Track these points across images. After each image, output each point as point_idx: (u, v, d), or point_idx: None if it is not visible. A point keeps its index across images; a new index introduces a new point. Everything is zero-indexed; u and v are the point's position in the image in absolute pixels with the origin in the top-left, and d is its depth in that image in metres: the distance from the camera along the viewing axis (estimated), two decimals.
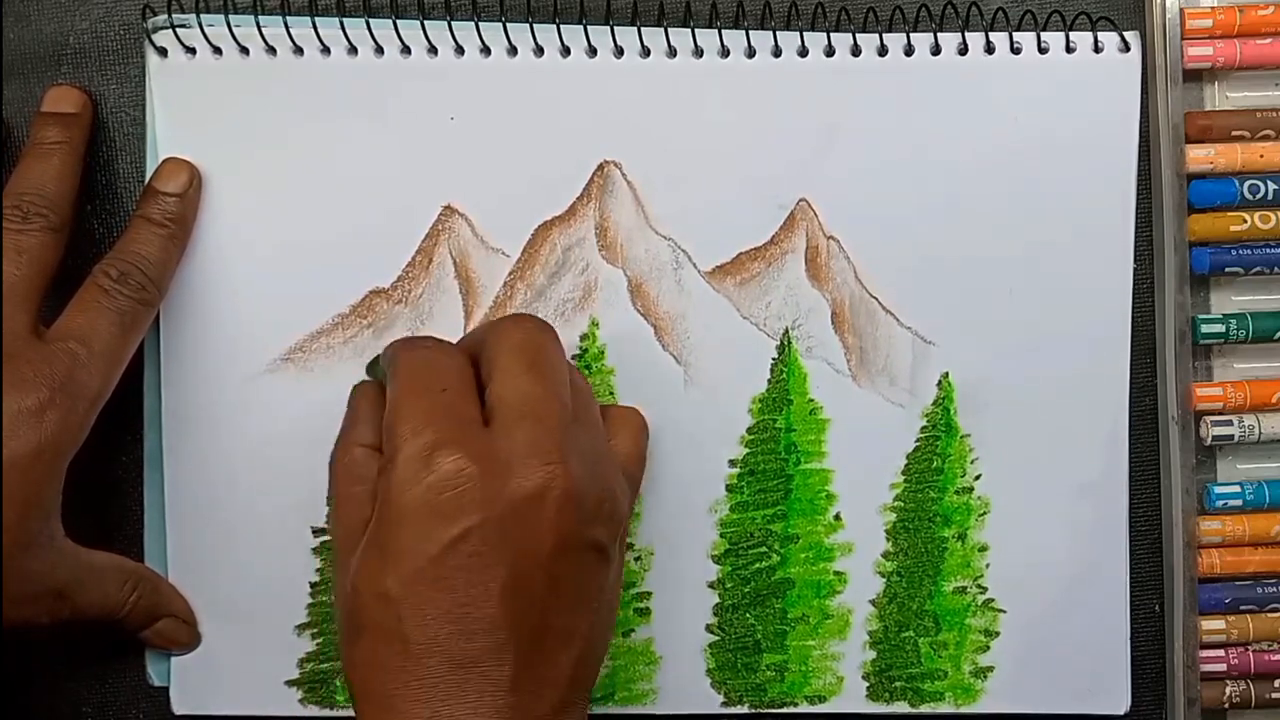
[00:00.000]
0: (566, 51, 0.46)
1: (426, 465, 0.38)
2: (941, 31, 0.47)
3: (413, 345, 0.42)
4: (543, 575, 0.38)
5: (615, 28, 0.46)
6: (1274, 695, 0.47)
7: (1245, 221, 0.47)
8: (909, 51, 0.47)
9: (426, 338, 0.43)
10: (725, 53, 0.47)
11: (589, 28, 0.46)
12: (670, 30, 0.46)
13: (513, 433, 0.39)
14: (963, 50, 0.47)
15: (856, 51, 0.47)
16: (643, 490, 0.47)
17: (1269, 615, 0.48)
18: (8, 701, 0.49)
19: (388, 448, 0.39)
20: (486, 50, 0.46)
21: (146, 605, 0.46)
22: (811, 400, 0.48)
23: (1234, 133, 0.47)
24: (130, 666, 0.48)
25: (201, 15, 0.46)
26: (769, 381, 0.47)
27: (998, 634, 0.48)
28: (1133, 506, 0.48)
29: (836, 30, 0.47)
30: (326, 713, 0.47)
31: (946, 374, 0.48)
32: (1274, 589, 0.48)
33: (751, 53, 0.47)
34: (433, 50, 0.46)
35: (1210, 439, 0.47)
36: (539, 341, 0.41)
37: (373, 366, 0.45)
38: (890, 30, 0.47)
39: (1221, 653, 0.48)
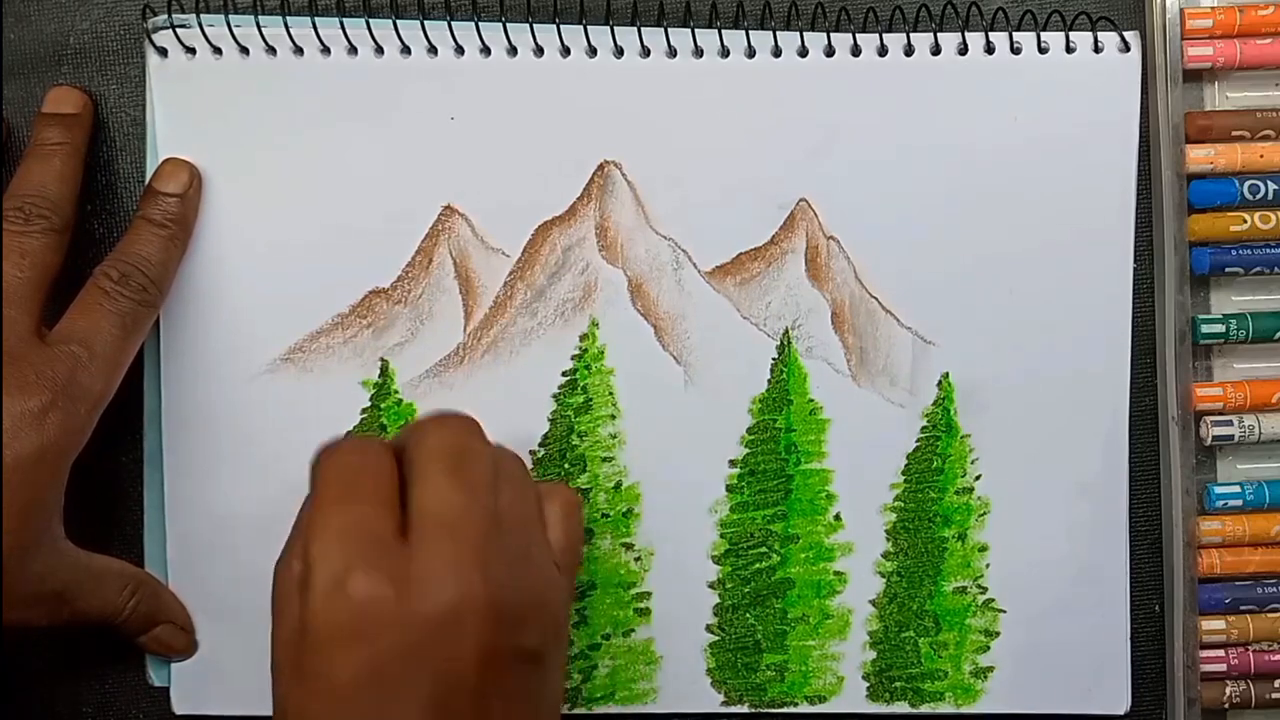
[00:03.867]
0: (566, 51, 0.46)
1: (339, 590, 0.36)
2: (941, 31, 0.47)
3: (332, 452, 0.40)
4: (468, 695, 0.37)
5: (615, 28, 0.46)
6: (1274, 695, 0.47)
7: (1245, 221, 0.47)
8: (909, 51, 0.47)
9: (350, 439, 0.41)
10: (725, 53, 0.47)
11: (589, 28, 0.46)
12: (670, 30, 0.46)
13: (430, 548, 0.37)
14: (963, 50, 0.47)
15: (856, 51, 0.47)
16: (643, 490, 0.47)
17: (1269, 615, 0.48)
18: (8, 701, 0.49)
19: (300, 568, 0.37)
20: (486, 50, 0.46)
21: (145, 611, 0.46)
22: (811, 400, 0.48)
23: (1234, 133, 0.47)
24: (130, 666, 0.48)
25: (201, 15, 0.46)
26: (769, 381, 0.47)
27: (998, 634, 0.48)
28: (1133, 506, 0.48)
29: (836, 30, 0.47)
30: None
31: (946, 374, 0.48)
32: (1274, 589, 0.48)
33: (751, 53, 0.47)
34: (433, 50, 0.46)
35: (1210, 439, 0.47)
36: (462, 444, 0.39)
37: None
38: (890, 30, 0.47)
39: (1221, 653, 0.48)
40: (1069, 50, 0.47)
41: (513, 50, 0.46)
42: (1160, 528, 0.48)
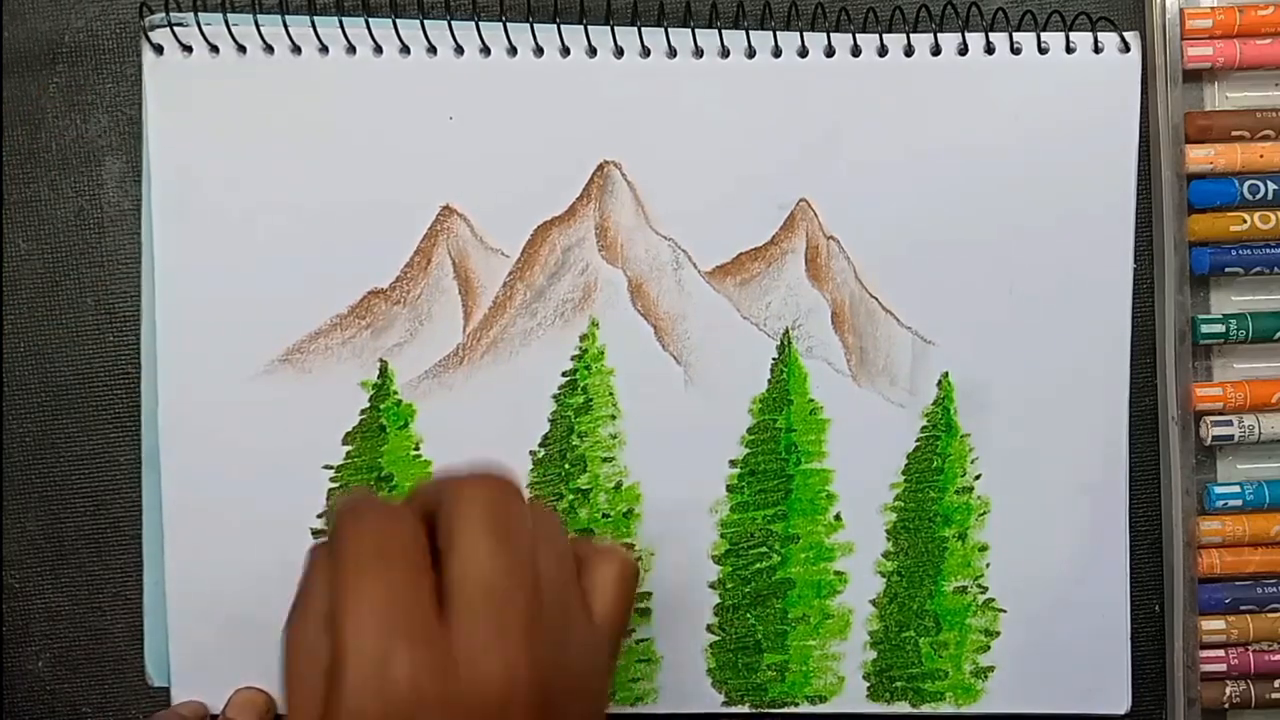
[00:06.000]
0: (566, 51, 0.46)
1: (378, 672, 0.34)
2: (941, 31, 0.47)
3: (357, 514, 0.36)
4: None
5: (615, 28, 0.46)
6: (1274, 695, 0.48)
7: (1245, 221, 0.47)
8: (909, 51, 0.47)
9: (371, 499, 0.37)
10: (725, 53, 0.46)
11: (589, 28, 0.46)
12: (670, 30, 0.46)
13: (473, 626, 0.34)
14: (963, 50, 0.47)
15: (856, 51, 0.47)
16: (643, 490, 0.47)
17: (1269, 615, 0.48)
18: (8, 701, 0.48)
19: (334, 642, 0.34)
20: (486, 50, 0.46)
21: None
22: (812, 400, 0.47)
23: (1234, 133, 0.47)
24: (130, 666, 0.48)
25: (199, 14, 0.46)
26: (769, 381, 0.47)
27: (998, 634, 0.48)
28: (1133, 506, 0.48)
29: (836, 30, 0.47)
30: None
31: (946, 374, 0.47)
32: (1274, 589, 0.48)
33: (751, 53, 0.46)
34: (432, 50, 0.46)
35: (1210, 439, 0.48)
36: (503, 508, 0.36)
37: (328, 516, 0.41)
38: (890, 30, 0.47)
39: (1221, 653, 0.48)
40: (1069, 50, 0.47)
41: (513, 50, 0.46)
42: (1160, 528, 0.49)
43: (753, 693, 0.48)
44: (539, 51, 0.46)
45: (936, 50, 0.47)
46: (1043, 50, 0.47)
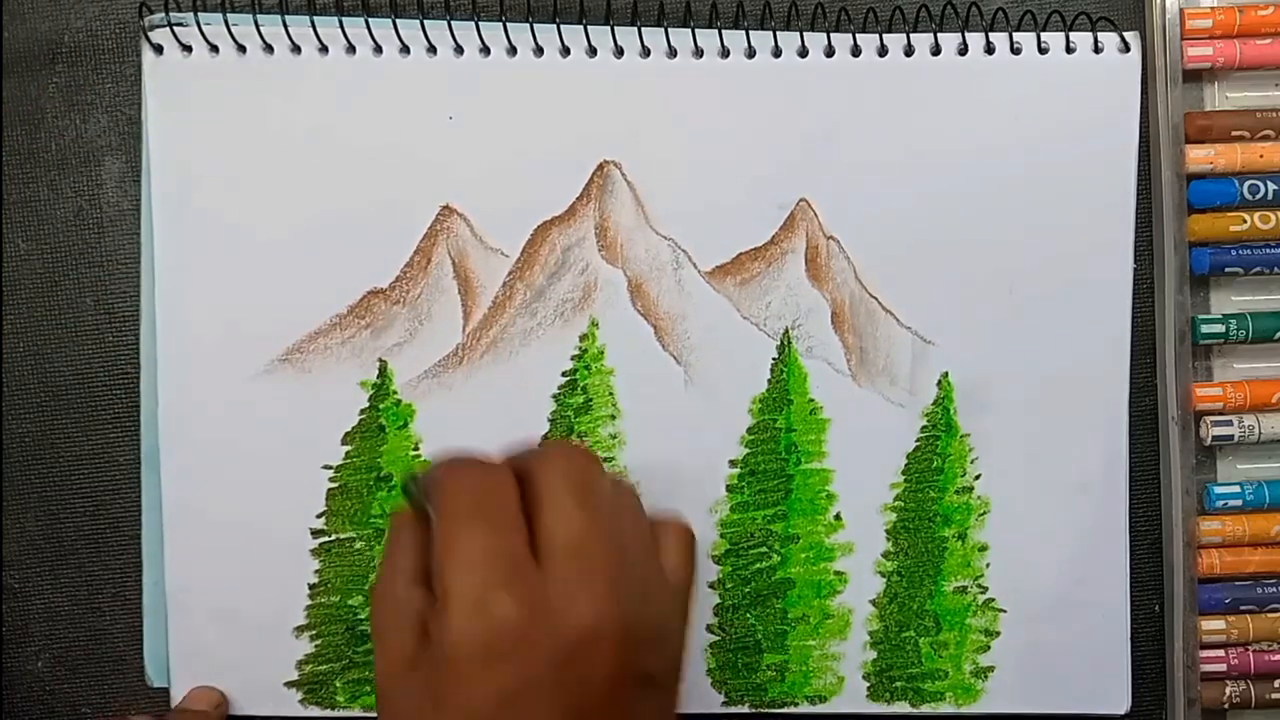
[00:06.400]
0: (566, 51, 0.46)
1: (481, 610, 0.36)
2: (941, 31, 0.47)
3: (458, 469, 0.39)
4: (598, 716, 0.37)
5: (615, 28, 0.46)
6: (1274, 695, 0.48)
7: (1245, 221, 0.47)
8: (909, 51, 0.47)
9: (470, 458, 0.40)
10: (725, 53, 0.46)
11: (589, 28, 0.46)
12: (670, 30, 0.46)
13: (565, 574, 0.37)
14: (963, 50, 0.47)
15: (856, 51, 0.47)
16: (643, 491, 0.47)
17: (1269, 615, 0.48)
18: (8, 702, 0.48)
19: (439, 586, 0.37)
20: (486, 50, 0.46)
21: None
22: (811, 400, 0.47)
23: (1234, 133, 0.47)
24: (130, 666, 0.48)
25: (199, 14, 0.46)
26: (769, 381, 0.47)
27: (998, 634, 0.48)
28: (1133, 506, 0.48)
29: (836, 30, 0.47)
30: (327, 713, 0.47)
31: (946, 374, 0.47)
32: (1274, 589, 0.48)
33: (751, 53, 0.46)
34: (432, 50, 0.46)
35: (1210, 439, 0.48)
36: (588, 474, 0.40)
37: (406, 487, 0.41)
38: (890, 30, 0.47)
39: (1221, 653, 0.48)
40: (1069, 50, 0.47)
41: (512, 50, 0.46)
42: (1160, 528, 0.49)
43: (753, 693, 0.48)
44: (539, 51, 0.46)
45: (936, 50, 0.47)
46: (1043, 50, 0.47)
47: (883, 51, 0.47)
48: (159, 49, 0.46)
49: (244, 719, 0.48)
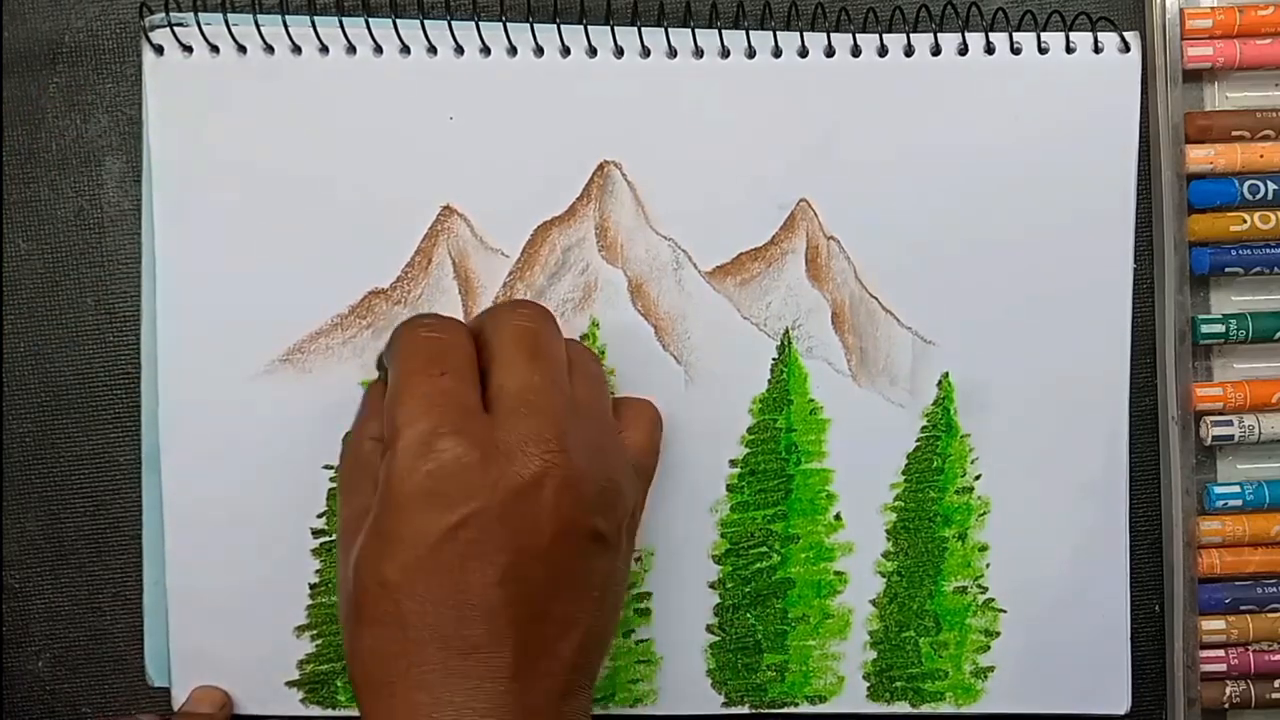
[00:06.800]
0: (566, 51, 0.46)
1: (426, 452, 0.38)
2: (941, 31, 0.47)
3: (414, 326, 0.41)
4: (541, 563, 0.38)
5: (615, 28, 0.46)
6: (1274, 695, 0.48)
7: (1245, 221, 0.47)
8: (909, 51, 0.47)
9: (430, 316, 0.42)
10: (725, 53, 0.46)
11: (589, 28, 0.46)
12: (670, 30, 0.46)
13: (513, 421, 0.39)
14: (963, 50, 0.47)
15: (856, 51, 0.47)
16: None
17: (1269, 615, 0.48)
18: (8, 702, 0.48)
19: (388, 433, 0.39)
20: (486, 50, 0.46)
21: None
22: (812, 400, 0.47)
23: (1234, 133, 0.47)
24: (130, 666, 0.48)
25: (199, 14, 0.46)
26: (769, 381, 0.47)
27: (998, 634, 0.48)
28: (1133, 506, 0.48)
29: (836, 30, 0.47)
30: (329, 713, 0.47)
31: (946, 374, 0.47)
32: (1274, 589, 0.48)
33: (751, 53, 0.46)
34: (432, 50, 0.46)
35: (1210, 439, 0.48)
36: (538, 329, 0.41)
37: (379, 360, 0.44)
38: (890, 30, 0.47)
39: (1221, 653, 0.48)
40: (1069, 50, 0.47)
41: (513, 50, 0.46)
42: (1160, 528, 0.49)
43: (753, 693, 0.48)
44: (539, 51, 0.46)
45: (936, 50, 0.47)
46: (1043, 50, 0.47)
47: (883, 51, 0.47)
48: (159, 49, 0.46)
49: (245, 718, 0.48)
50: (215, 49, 0.46)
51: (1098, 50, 0.47)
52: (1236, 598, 0.48)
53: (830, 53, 0.47)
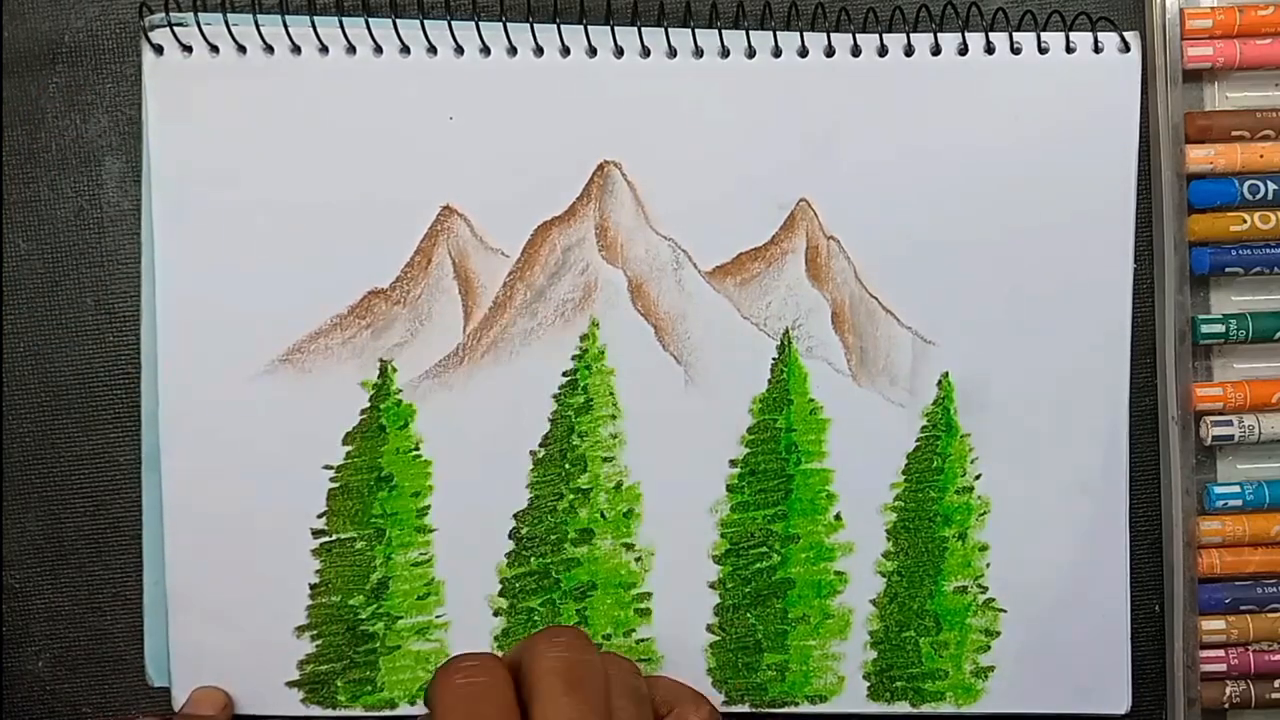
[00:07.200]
0: (566, 51, 0.46)
1: None
2: (941, 31, 0.47)
3: (450, 671, 0.41)
4: None
5: (615, 28, 0.46)
6: (1274, 695, 0.48)
7: (1245, 221, 0.47)
8: (909, 51, 0.47)
9: (467, 658, 0.42)
10: (725, 53, 0.46)
11: (589, 28, 0.46)
12: (670, 30, 0.46)
13: None
14: (963, 50, 0.47)
15: (856, 51, 0.47)
16: (644, 490, 0.47)
17: (1269, 615, 0.48)
18: (8, 701, 0.48)
19: None
20: (486, 50, 0.46)
21: None
22: (812, 400, 0.47)
23: (1234, 133, 0.47)
24: (130, 666, 0.48)
25: (199, 14, 0.46)
26: (769, 381, 0.47)
27: (998, 634, 0.48)
28: (1133, 506, 0.48)
29: (836, 30, 0.47)
30: (329, 713, 0.47)
31: (946, 374, 0.47)
32: (1274, 589, 0.48)
33: (751, 53, 0.46)
34: (432, 50, 0.46)
35: (1210, 439, 0.48)
36: (576, 660, 0.41)
37: (426, 695, 0.43)
38: (890, 30, 0.47)
39: (1221, 653, 0.48)
40: (1069, 50, 0.47)
41: (513, 50, 0.46)
42: (1160, 528, 0.49)
43: (753, 693, 0.48)
44: (539, 51, 0.46)
45: (936, 50, 0.47)
46: (1043, 50, 0.47)
47: (883, 51, 0.47)
48: (159, 49, 0.46)
49: (245, 719, 0.48)
50: (215, 49, 0.46)
51: (1098, 50, 0.47)
52: (1236, 598, 0.48)
53: (830, 53, 0.47)
